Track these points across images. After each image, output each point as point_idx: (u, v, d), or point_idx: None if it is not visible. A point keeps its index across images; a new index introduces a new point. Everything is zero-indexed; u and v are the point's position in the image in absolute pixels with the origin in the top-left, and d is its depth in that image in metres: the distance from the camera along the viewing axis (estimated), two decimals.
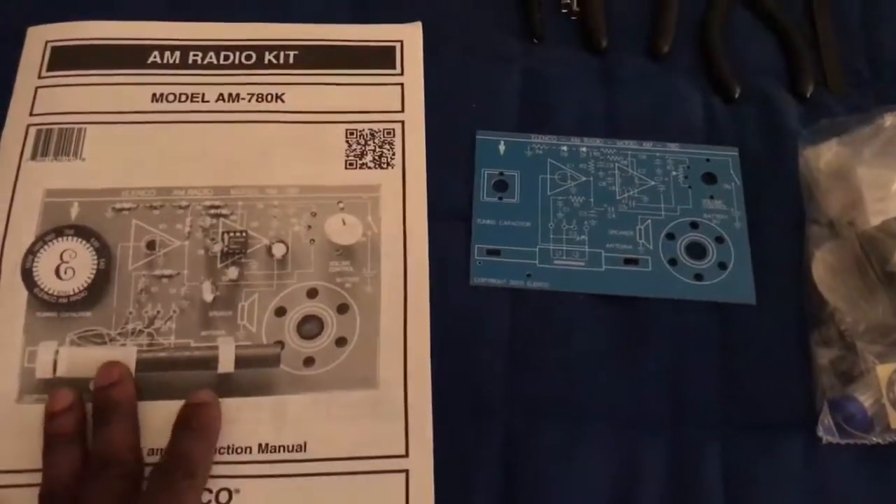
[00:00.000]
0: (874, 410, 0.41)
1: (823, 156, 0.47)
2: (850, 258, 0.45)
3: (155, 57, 0.50)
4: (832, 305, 0.43)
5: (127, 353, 0.42)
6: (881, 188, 0.45)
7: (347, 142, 0.48)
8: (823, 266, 0.45)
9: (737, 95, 0.50)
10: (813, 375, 0.43)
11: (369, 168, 0.47)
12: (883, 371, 0.41)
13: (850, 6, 0.55)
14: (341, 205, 0.46)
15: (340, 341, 0.43)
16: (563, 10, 0.53)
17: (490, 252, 0.45)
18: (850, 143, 0.47)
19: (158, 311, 0.43)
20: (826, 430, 0.40)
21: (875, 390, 0.41)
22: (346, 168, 0.47)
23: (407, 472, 0.41)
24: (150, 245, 0.45)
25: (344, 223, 0.46)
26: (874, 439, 0.40)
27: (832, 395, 0.41)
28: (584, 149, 0.49)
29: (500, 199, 0.47)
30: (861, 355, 0.41)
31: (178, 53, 0.50)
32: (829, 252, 0.45)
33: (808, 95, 0.51)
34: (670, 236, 0.46)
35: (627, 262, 0.45)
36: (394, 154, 0.48)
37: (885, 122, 0.46)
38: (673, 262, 0.45)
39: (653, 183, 0.48)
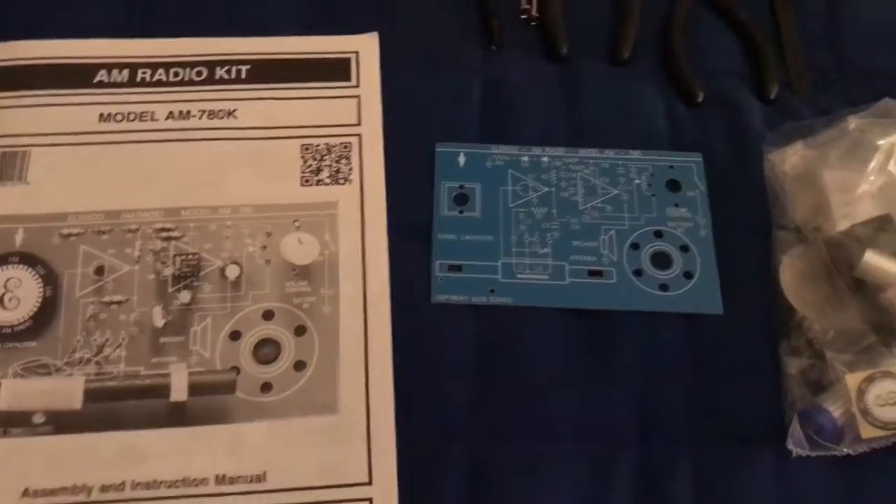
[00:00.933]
0: (844, 420, 0.40)
1: (789, 159, 0.46)
2: (818, 264, 0.44)
3: (102, 76, 0.48)
4: (800, 313, 0.43)
5: (74, 383, 0.41)
6: (847, 192, 0.44)
7: (303, 157, 0.47)
8: (791, 273, 0.44)
9: (700, 100, 0.50)
10: (783, 386, 0.42)
11: (326, 184, 0.46)
12: (852, 380, 0.40)
13: (814, 5, 0.54)
14: (297, 223, 0.45)
15: (299, 365, 0.42)
16: (523, 16, 0.52)
17: (451, 268, 0.44)
18: (815, 146, 0.46)
19: (107, 339, 0.42)
20: (796, 443, 0.39)
21: (845, 400, 0.40)
22: (301, 185, 0.46)
23: (370, 500, 0.39)
24: (99, 271, 0.43)
25: (300, 242, 0.44)
26: (845, 450, 0.39)
27: (802, 405, 0.41)
28: (545, 159, 0.48)
29: (461, 212, 0.46)
30: (830, 364, 0.41)
31: (125, 71, 0.49)
32: (797, 258, 0.44)
33: (773, 97, 0.50)
34: (635, 246, 0.45)
35: (592, 274, 0.44)
36: (351, 169, 0.47)
37: (849, 124, 0.45)
38: (638, 272, 0.44)
39: (616, 192, 0.47)
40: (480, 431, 0.41)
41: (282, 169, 0.46)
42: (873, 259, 0.41)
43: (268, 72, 0.49)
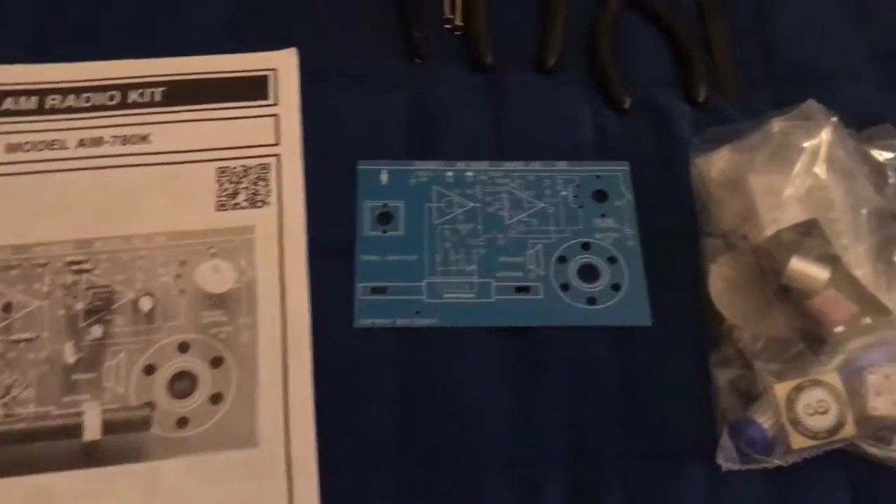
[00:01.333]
0: (775, 432, 0.39)
1: (716, 164, 0.45)
2: (746, 271, 0.43)
3: (8, 103, 0.47)
4: (729, 322, 0.42)
5: None
6: (774, 196, 0.43)
7: (219, 181, 0.45)
8: (720, 281, 0.43)
9: (627, 106, 0.49)
10: (713, 398, 0.41)
11: (243, 208, 0.45)
12: (780, 390, 0.39)
13: (742, 6, 0.53)
14: (213, 250, 0.43)
15: (216, 398, 0.40)
16: (447, 26, 0.51)
17: (375, 290, 0.43)
18: (742, 150, 0.45)
19: (15, 379, 0.40)
20: (727, 457, 0.38)
21: (774, 411, 0.39)
22: (217, 210, 0.45)
23: None
24: (6, 308, 0.41)
25: (216, 270, 0.43)
26: (776, 462, 0.39)
27: (732, 417, 0.40)
28: (470, 173, 0.46)
29: (385, 232, 0.44)
30: (758, 374, 0.40)
31: (34, 98, 0.47)
32: (726, 265, 0.44)
33: (702, 101, 0.49)
34: (562, 260, 0.44)
35: (519, 290, 0.43)
36: (269, 191, 0.45)
37: (772, 127, 0.44)
38: (565, 286, 0.43)
39: (542, 205, 0.46)
40: (406, 460, 0.40)
41: (197, 194, 0.45)
42: (799, 265, 0.40)
43: (183, 93, 0.48)
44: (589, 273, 0.44)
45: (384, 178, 0.46)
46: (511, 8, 0.52)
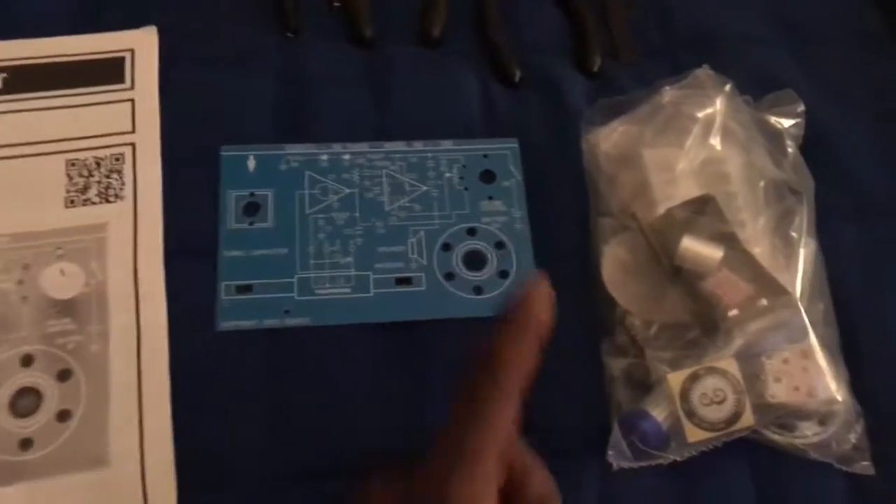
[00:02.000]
0: (669, 424, 0.36)
1: (608, 138, 0.42)
2: (640, 253, 0.40)
3: None
4: (622, 307, 0.39)
5: None
6: (667, 170, 0.41)
7: (68, 175, 0.41)
8: (613, 263, 0.40)
9: (517, 79, 0.45)
10: (606, 390, 0.38)
11: (94, 203, 0.40)
12: (674, 379, 0.36)
13: None
14: (60, 251, 0.39)
15: (63, 415, 0.36)
16: None
17: (240, 289, 0.39)
18: (635, 123, 0.42)
19: None
20: (617, 454, 0.36)
21: (669, 401, 0.37)
22: (66, 206, 0.40)
23: None
24: None
25: (62, 273, 0.39)
26: (671, 457, 0.36)
27: (626, 409, 0.37)
28: (347, 156, 0.43)
29: (251, 224, 0.41)
30: (651, 363, 0.37)
31: None
32: (619, 246, 0.41)
33: (596, 70, 0.46)
34: (446, 247, 0.41)
35: (399, 282, 0.40)
36: (123, 184, 0.41)
37: (663, 97, 0.42)
38: (450, 276, 0.40)
39: (425, 188, 0.42)
40: (277, 475, 0.36)
41: (43, 190, 0.40)
42: (691, 245, 0.38)
43: (29, 79, 0.43)
44: (475, 260, 0.41)
45: (251, 164, 0.42)
46: None
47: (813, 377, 0.37)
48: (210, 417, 0.37)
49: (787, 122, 0.42)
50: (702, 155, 0.40)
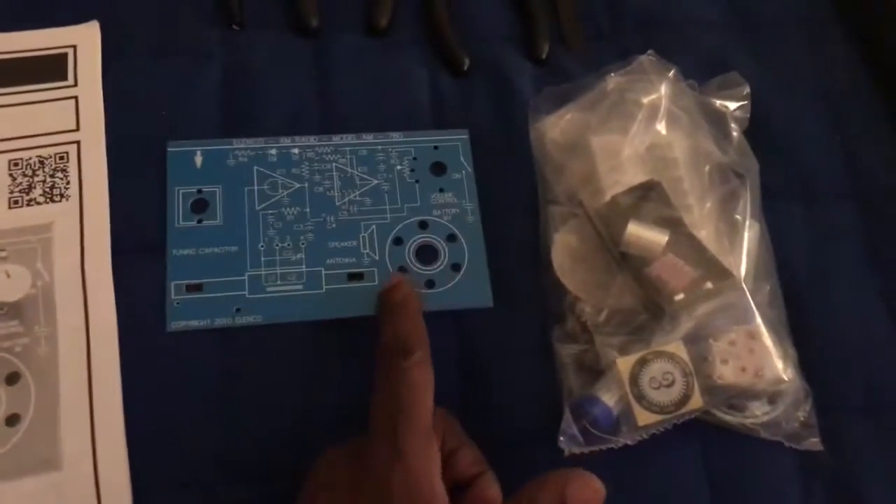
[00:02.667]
0: (620, 409, 0.37)
1: (555, 126, 0.42)
2: (590, 240, 0.40)
3: None
4: (572, 294, 0.39)
5: None
6: (613, 157, 0.41)
7: (11, 175, 0.40)
8: (563, 251, 0.40)
9: (466, 68, 0.45)
10: (558, 377, 0.39)
11: (38, 203, 0.40)
12: (623, 364, 0.37)
13: None
14: (4, 253, 0.39)
15: (12, 419, 0.36)
16: None
17: (190, 288, 0.39)
18: (582, 109, 0.42)
19: None
20: (569, 440, 0.36)
21: (619, 386, 0.37)
22: (10, 207, 0.39)
23: None
24: None
25: (7, 275, 0.38)
26: (623, 441, 0.37)
27: (577, 395, 0.38)
28: (296, 150, 0.42)
29: (200, 221, 0.40)
30: (600, 349, 0.38)
31: None
32: (570, 234, 0.41)
33: (545, 57, 0.46)
34: (398, 241, 0.41)
35: (351, 277, 0.40)
36: (68, 183, 0.40)
37: (608, 84, 0.42)
38: (402, 270, 0.40)
39: (376, 182, 0.42)
40: (231, 477, 0.36)
41: None
42: (636, 230, 0.38)
43: None
44: (427, 254, 0.41)
45: (198, 160, 0.41)
46: None
47: (759, 357, 0.38)
48: (162, 418, 0.37)
49: (732, 105, 0.42)
50: (647, 141, 0.40)
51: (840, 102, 0.47)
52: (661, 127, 0.41)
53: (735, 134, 0.42)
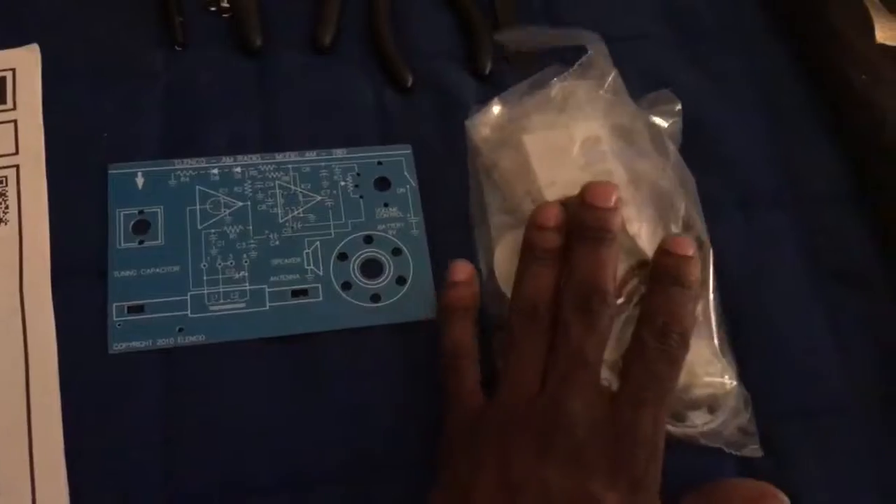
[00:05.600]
0: None
1: (487, 123, 0.43)
2: None
3: None
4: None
5: None
6: (549, 155, 0.40)
7: None
8: (506, 257, 0.40)
9: (410, 84, 0.46)
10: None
11: None
12: None
13: None
14: None
15: None
16: (212, 9, 0.47)
17: (132, 309, 0.39)
18: (514, 106, 0.43)
19: None
20: None
21: None
22: None
23: None
24: None
25: None
26: None
27: None
28: (238, 169, 0.42)
29: (142, 242, 0.40)
30: None
31: None
32: (513, 241, 0.41)
33: (487, 73, 0.47)
34: (342, 256, 0.41)
35: (295, 294, 0.40)
36: (7, 207, 0.40)
37: (552, 90, 0.42)
38: (347, 285, 0.40)
39: (319, 198, 0.42)
40: (177, 498, 0.36)
41: None
42: None
43: None
44: (372, 268, 0.41)
45: (139, 181, 0.41)
46: None
47: (694, 357, 0.38)
48: (105, 443, 0.36)
49: (665, 122, 0.43)
50: (588, 146, 0.41)
51: (777, 111, 0.48)
52: (603, 133, 0.41)
53: (671, 149, 0.42)
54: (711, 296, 0.39)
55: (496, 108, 0.43)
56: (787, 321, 0.42)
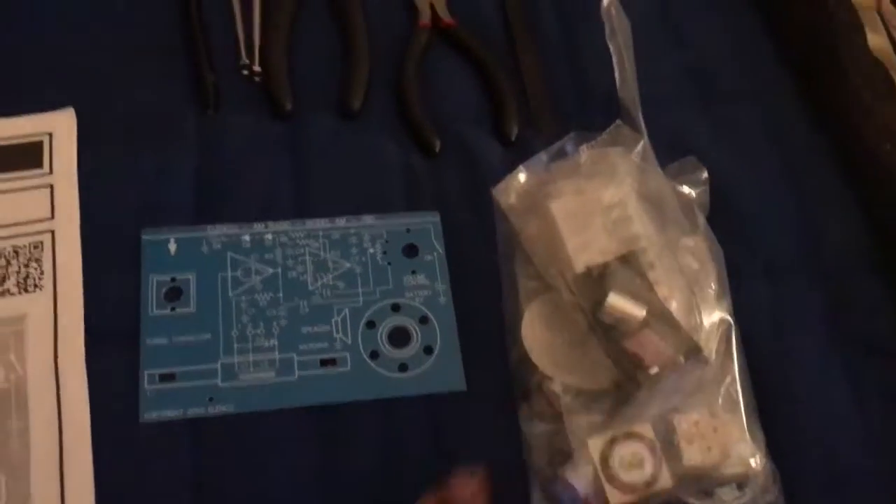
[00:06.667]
0: (591, 490, 0.37)
1: (513, 189, 0.43)
2: (561, 313, 0.41)
3: None
4: (541, 370, 0.40)
5: None
6: (574, 219, 0.40)
7: None
8: (534, 325, 0.41)
9: (438, 150, 0.46)
10: (525, 457, 0.39)
11: (12, 294, 0.40)
12: (594, 445, 0.37)
13: (551, 34, 0.52)
14: None
15: None
16: (244, 72, 0.48)
17: (163, 377, 0.39)
18: (540, 174, 0.43)
19: None
20: None
21: (589, 467, 0.37)
22: None
23: None
24: None
25: None
26: None
27: (547, 476, 0.38)
28: (269, 235, 0.43)
29: (174, 309, 0.41)
30: (569, 429, 0.38)
31: None
32: (541, 307, 0.41)
33: (514, 139, 0.47)
34: (371, 325, 0.41)
35: (324, 363, 0.40)
36: (42, 273, 0.41)
37: (580, 157, 0.43)
38: (375, 354, 0.41)
39: (349, 265, 0.43)
40: None
41: None
42: (617, 302, 0.39)
43: None
44: (400, 337, 0.41)
45: (172, 247, 0.42)
46: (312, 48, 0.49)
47: (724, 436, 0.38)
48: None
49: (693, 191, 0.44)
50: (616, 212, 0.41)
51: (801, 177, 0.48)
52: (632, 199, 0.41)
53: (700, 219, 0.42)
54: (738, 373, 0.40)
55: (522, 176, 0.44)
56: (813, 393, 0.42)
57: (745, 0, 0.55)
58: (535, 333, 0.41)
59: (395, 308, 0.42)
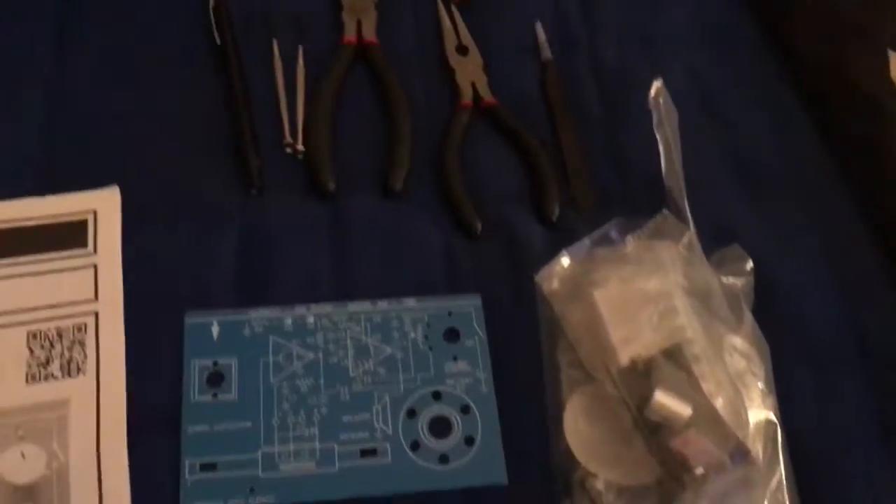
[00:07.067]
0: None
1: (556, 276, 0.43)
2: (605, 406, 0.40)
3: None
4: (583, 466, 0.39)
5: None
6: (619, 310, 0.40)
7: (30, 348, 0.41)
8: (577, 416, 0.40)
9: (479, 231, 0.46)
10: None
11: (56, 378, 0.40)
12: None
13: (593, 116, 0.52)
14: (21, 432, 0.39)
15: None
16: (287, 150, 0.48)
17: (204, 467, 0.39)
18: (584, 261, 0.43)
19: None
20: None
21: None
22: (28, 382, 0.40)
23: None
24: None
25: (23, 456, 0.38)
26: None
27: None
28: (311, 318, 0.43)
29: (216, 395, 0.40)
30: None
31: None
32: (584, 398, 0.41)
33: (555, 220, 0.47)
34: (411, 413, 0.41)
35: (364, 454, 0.40)
36: (85, 357, 0.41)
37: (626, 247, 0.43)
38: (415, 445, 0.40)
39: (390, 351, 0.42)
40: None
41: (4, 365, 0.40)
42: (663, 400, 0.38)
43: None
44: (441, 427, 0.41)
45: (215, 331, 0.42)
46: (355, 127, 0.49)
47: None
48: None
49: (738, 281, 0.43)
50: (663, 303, 0.40)
51: (844, 266, 0.48)
52: (678, 292, 0.41)
53: (747, 316, 0.42)
54: (784, 474, 0.39)
55: (565, 261, 0.44)
56: (860, 488, 0.41)
57: (794, 102, 0.55)
58: (578, 427, 0.41)
59: (437, 396, 0.42)
